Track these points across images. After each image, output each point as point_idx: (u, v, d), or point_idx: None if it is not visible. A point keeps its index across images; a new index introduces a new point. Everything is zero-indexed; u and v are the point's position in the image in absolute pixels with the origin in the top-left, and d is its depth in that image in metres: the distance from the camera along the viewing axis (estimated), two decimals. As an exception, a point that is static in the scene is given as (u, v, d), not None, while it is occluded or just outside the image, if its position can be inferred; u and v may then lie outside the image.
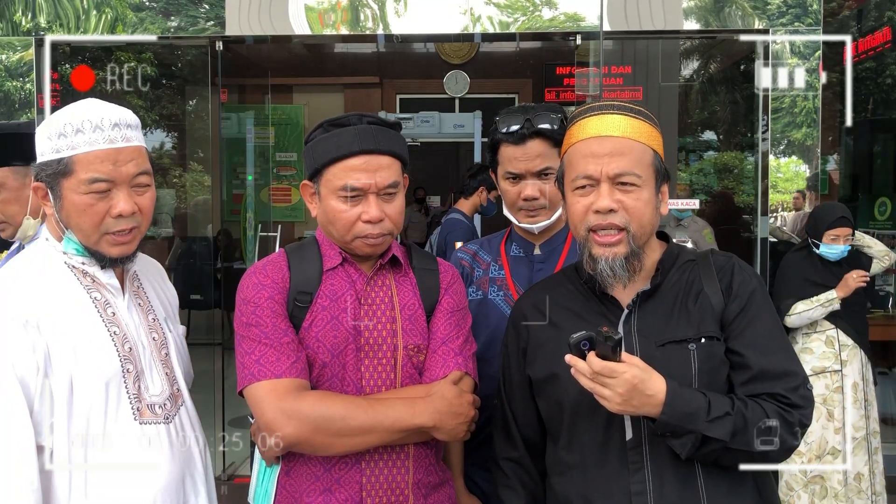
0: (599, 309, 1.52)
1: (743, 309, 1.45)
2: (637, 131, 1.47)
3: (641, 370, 1.32)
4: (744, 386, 1.41)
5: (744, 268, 1.52)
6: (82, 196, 1.46)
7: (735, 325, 1.44)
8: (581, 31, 4.31)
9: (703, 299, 1.47)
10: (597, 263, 1.45)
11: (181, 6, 4.36)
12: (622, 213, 1.44)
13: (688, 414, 1.33)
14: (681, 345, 1.43)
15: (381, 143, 1.55)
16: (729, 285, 1.47)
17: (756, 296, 1.47)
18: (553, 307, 1.57)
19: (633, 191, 1.44)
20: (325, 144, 1.56)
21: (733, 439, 1.34)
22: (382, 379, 1.58)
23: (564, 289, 1.59)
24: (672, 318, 1.46)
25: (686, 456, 1.36)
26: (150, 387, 1.53)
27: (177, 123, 6.74)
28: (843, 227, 3.78)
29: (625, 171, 1.44)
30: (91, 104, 1.51)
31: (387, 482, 1.56)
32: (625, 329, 1.47)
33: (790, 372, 1.42)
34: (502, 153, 1.90)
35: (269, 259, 1.65)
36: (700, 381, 1.41)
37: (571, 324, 1.51)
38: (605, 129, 1.46)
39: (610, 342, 1.30)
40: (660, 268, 1.51)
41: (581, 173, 1.46)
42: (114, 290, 1.55)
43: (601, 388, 1.32)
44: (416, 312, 1.64)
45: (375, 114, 1.65)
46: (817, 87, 4.14)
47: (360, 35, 4.38)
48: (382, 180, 1.55)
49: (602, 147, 1.45)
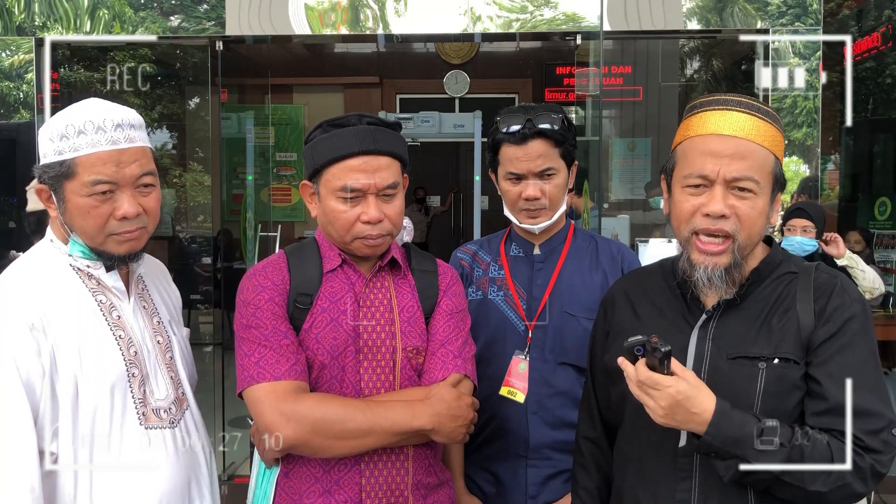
0: (682, 309, 1.47)
1: (834, 335, 1.34)
2: (762, 134, 1.38)
3: (690, 386, 1.27)
4: (815, 417, 1.32)
5: (847, 290, 1.40)
6: (85, 198, 1.44)
7: (821, 350, 1.34)
8: (581, 31, 4.30)
9: (791, 317, 1.37)
10: (694, 270, 1.38)
11: (181, 6, 4.35)
12: (734, 219, 1.35)
13: (734, 438, 1.27)
14: (752, 362, 1.36)
15: (380, 144, 1.55)
16: (824, 307, 1.37)
17: (853, 323, 1.35)
18: (640, 298, 1.54)
19: (748, 198, 1.35)
20: (325, 145, 1.55)
21: (788, 474, 1.27)
22: (381, 381, 1.58)
23: (655, 281, 1.54)
24: (751, 332, 1.38)
25: (728, 480, 1.31)
26: (155, 391, 1.52)
27: (177, 123, 6.74)
28: (799, 219, 3.74)
29: (744, 175, 1.35)
30: (93, 104, 1.49)
31: (386, 483, 1.56)
32: (699, 335, 1.42)
33: (872, 412, 1.31)
34: (503, 153, 1.89)
35: (268, 260, 1.64)
36: (764, 403, 1.34)
37: (652, 318, 1.50)
38: (729, 127, 1.37)
39: (658, 353, 1.27)
40: (752, 277, 1.43)
41: (696, 171, 1.37)
42: (119, 293, 1.54)
43: (646, 398, 1.30)
44: (415, 314, 1.63)
45: (375, 114, 1.65)
46: (817, 87, 4.14)
47: (360, 35, 4.37)
48: (382, 181, 1.54)
49: (723, 147, 1.35)
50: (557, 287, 1.90)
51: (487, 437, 1.91)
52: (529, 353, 1.87)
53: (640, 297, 1.54)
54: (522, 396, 1.86)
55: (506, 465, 1.89)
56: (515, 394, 1.86)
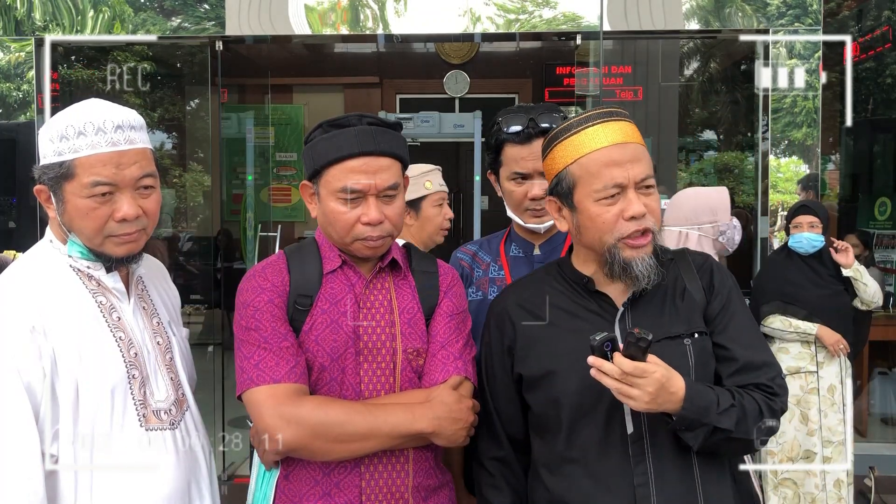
0: (594, 307, 1.54)
1: (724, 306, 1.54)
2: (637, 134, 1.52)
3: (667, 368, 1.37)
4: (731, 377, 1.50)
5: (719, 266, 1.61)
6: (85, 200, 1.43)
7: (718, 320, 1.53)
8: (581, 31, 4.30)
9: (688, 296, 1.54)
10: (632, 268, 1.47)
11: (181, 6, 4.35)
12: (649, 215, 1.48)
13: (703, 408, 1.39)
14: (675, 340, 1.49)
15: (380, 145, 1.54)
16: (710, 283, 1.56)
17: (733, 293, 1.57)
18: (541, 306, 1.58)
19: (652, 192, 1.50)
20: (325, 145, 1.54)
21: (737, 429, 1.41)
22: (382, 383, 1.57)
23: (551, 287, 1.59)
24: (664, 315, 1.51)
25: (697, 448, 1.41)
26: (155, 392, 1.52)
27: (177, 123, 6.74)
28: (805, 216, 3.73)
29: (647, 174, 1.48)
30: (93, 105, 1.48)
31: (386, 486, 1.55)
32: (621, 327, 1.50)
33: (769, 363, 1.52)
34: (507, 154, 1.89)
35: (268, 261, 1.63)
36: (696, 374, 1.46)
37: (566, 322, 1.54)
38: (619, 136, 1.48)
39: (643, 343, 1.33)
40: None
41: (609, 182, 1.46)
42: (119, 294, 1.53)
43: (629, 389, 1.35)
44: (416, 316, 1.62)
45: (375, 114, 1.64)
46: (817, 87, 4.14)
47: (360, 35, 4.38)
48: (382, 182, 1.53)
49: (621, 154, 1.47)
50: (557, 287, 1.90)
51: (487, 438, 1.91)
52: (529, 353, 1.87)
53: (541, 305, 1.58)
54: (522, 397, 1.85)
55: (506, 465, 1.89)
56: (515, 394, 1.86)
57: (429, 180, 2.67)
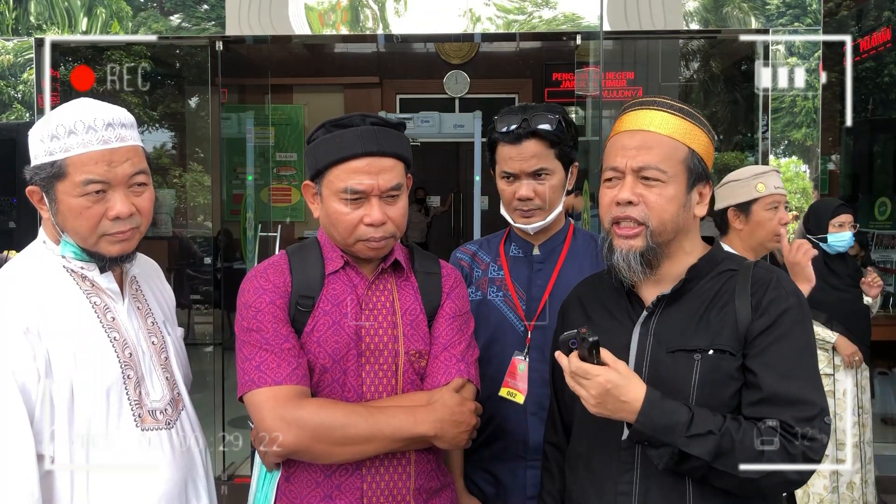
0: (626, 307, 1.52)
1: (769, 327, 1.38)
2: (672, 127, 1.45)
3: (620, 375, 1.32)
4: (750, 407, 1.36)
5: (782, 284, 1.44)
6: (77, 199, 1.42)
7: (757, 342, 1.38)
8: (581, 31, 4.30)
9: (729, 311, 1.42)
10: (613, 254, 1.46)
11: (181, 6, 4.35)
12: (642, 206, 1.43)
13: (664, 426, 1.31)
14: (689, 354, 1.41)
15: (384, 145, 1.53)
16: (760, 301, 1.41)
17: (788, 315, 1.39)
18: (592, 301, 1.59)
19: (655, 186, 1.43)
20: (328, 145, 1.53)
21: (717, 460, 1.30)
22: (384, 384, 1.57)
23: (606, 284, 1.58)
24: (690, 327, 1.43)
25: (662, 468, 1.34)
26: (150, 392, 1.51)
27: (177, 123, 6.73)
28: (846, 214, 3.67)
29: (648, 164, 1.43)
30: (83, 104, 1.47)
31: (388, 488, 1.55)
32: (641, 330, 1.46)
33: (805, 401, 1.33)
34: (499, 153, 1.89)
35: (270, 262, 1.62)
36: (700, 393, 1.38)
37: (603, 319, 1.54)
38: (638, 123, 1.47)
39: (586, 344, 1.32)
40: (689, 273, 1.48)
41: (609, 165, 1.48)
42: (113, 294, 1.52)
43: (579, 388, 1.35)
44: (418, 317, 1.62)
45: (378, 114, 1.63)
46: (817, 87, 4.14)
47: (360, 35, 4.37)
48: (385, 183, 1.52)
49: (630, 140, 1.46)
50: (557, 287, 1.90)
51: (487, 438, 1.91)
52: (529, 353, 1.87)
53: (593, 301, 1.60)
54: (522, 397, 1.86)
55: (505, 465, 1.89)
56: (515, 395, 1.86)
57: (762, 182, 2.58)
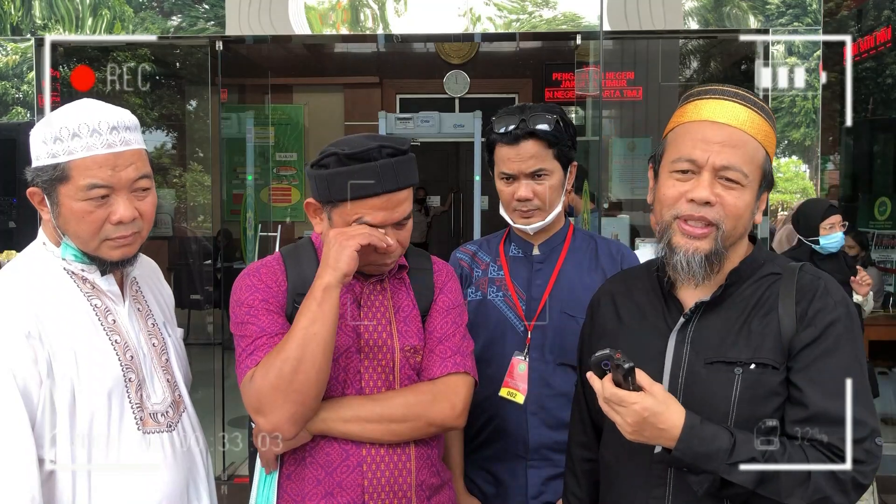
0: (662, 310, 1.42)
1: (816, 340, 1.28)
2: (756, 126, 1.34)
3: (657, 401, 1.24)
4: (795, 425, 1.27)
5: (830, 292, 1.33)
6: (80, 203, 1.41)
7: (803, 355, 1.28)
8: (581, 31, 4.30)
9: (772, 320, 1.32)
10: (674, 253, 1.34)
11: (181, 6, 4.35)
12: (718, 208, 1.31)
13: (704, 454, 1.23)
14: (728, 367, 1.31)
15: (401, 181, 1.51)
16: (806, 310, 1.31)
17: (836, 327, 1.29)
18: (624, 300, 1.50)
19: (735, 188, 1.32)
20: (344, 181, 1.48)
21: (761, 486, 1.23)
22: (382, 380, 1.58)
23: (640, 282, 1.50)
24: (730, 336, 1.33)
25: (702, 494, 1.27)
26: (152, 395, 1.50)
27: (177, 123, 6.74)
28: (836, 215, 3.71)
29: (733, 165, 1.31)
30: (88, 106, 1.45)
31: (389, 484, 1.55)
32: (678, 338, 1.37)
33: (855, 420, 1.25)
34: (497, 153, 1.89)
35: (263, 262, 1.62)
36: (739, 410, 1.29)
37: (634, 320, 1.46)
38: (724, 115, 1.33)
39: (621, 370, 1.23)
40: (730, 278, 1.37)
41: (685, 156, 1.33)
42: (114, 296, 1.51)
43: (614, 415, 1.27)
44: (411, 314, 1.63)
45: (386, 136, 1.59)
46: (817, 87, 4.14)
47: (360, 35, 4.38)
48: (400, 215, 1.52)
49: (716, 134, 1.32)
50: (557, 287, 1.90)
51: (487, 438, 1.91)
52: (529, 353, 1.87)
53: (625, 299, 1.50)
54: (522, 397, 1.86)
55: (505, 465, 1.89)
56: (515, 395, 1.86)
57: None
